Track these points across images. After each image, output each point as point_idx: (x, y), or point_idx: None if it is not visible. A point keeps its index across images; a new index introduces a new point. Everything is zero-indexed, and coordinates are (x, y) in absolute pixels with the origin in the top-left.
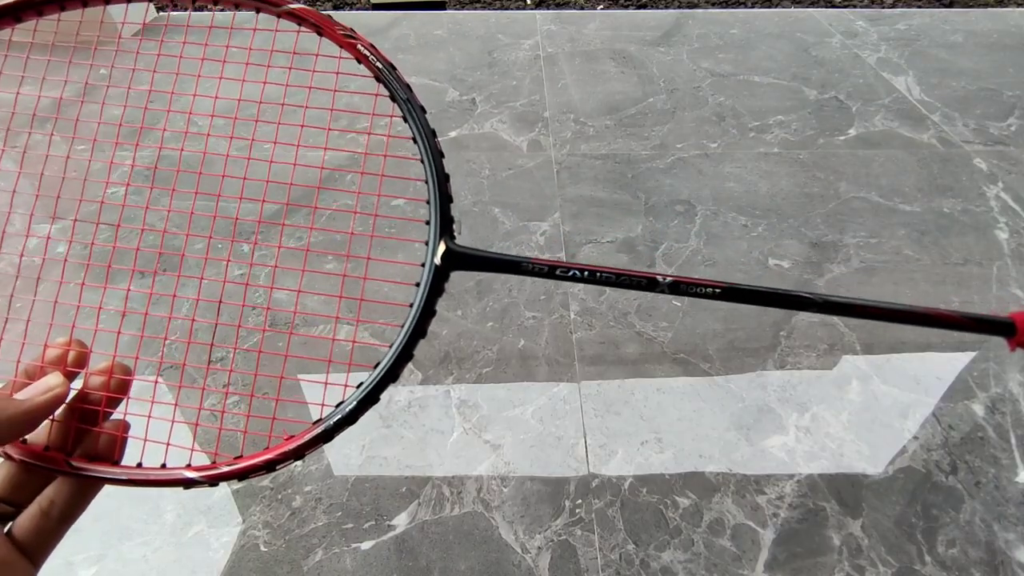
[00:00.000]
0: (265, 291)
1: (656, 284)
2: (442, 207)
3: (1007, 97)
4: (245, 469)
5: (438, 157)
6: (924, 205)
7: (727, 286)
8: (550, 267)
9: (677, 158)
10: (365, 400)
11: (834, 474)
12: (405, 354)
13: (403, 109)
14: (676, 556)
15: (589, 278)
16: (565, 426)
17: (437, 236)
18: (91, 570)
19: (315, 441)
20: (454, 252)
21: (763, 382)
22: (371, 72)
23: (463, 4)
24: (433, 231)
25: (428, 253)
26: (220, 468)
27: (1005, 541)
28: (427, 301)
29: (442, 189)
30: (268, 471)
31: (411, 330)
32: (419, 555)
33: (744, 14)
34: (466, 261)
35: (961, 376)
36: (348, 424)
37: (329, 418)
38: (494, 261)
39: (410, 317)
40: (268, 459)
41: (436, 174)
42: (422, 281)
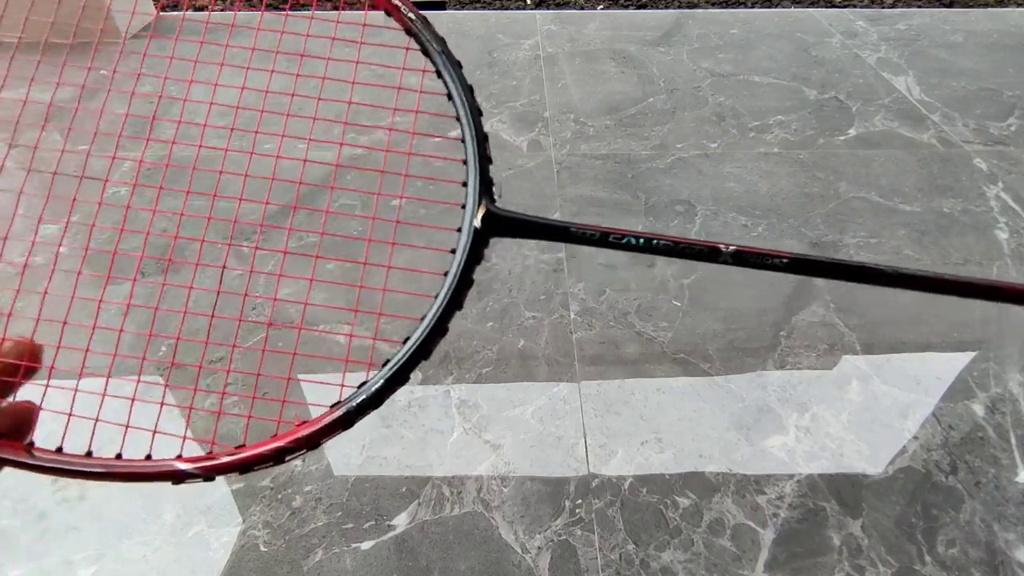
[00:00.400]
0: (281, 287)
1: (719, 254)
2: (481, 167)
3: (1007, 97)
4: (249, 459)
5: (476, 115)
6: (924, 205)
7: (793, 257)
8: (602, 234)
9: (677, 158)
10: (393, 379)
11: (834, 474)
12: (439, 327)
13: (436, 63)
14: (676, 556)
15: (645, 246)
16: (565, 426)
17: (477, 198)
18: (90, 569)
19: (333, 426)
20: (496, 215)
21: (763, 382)
22: (401, 25)
23: (463, 4)
24: (473, 193)
25: (466, 216)
26: (219, 459)
27: (1005, 541)
28: (464, 268)
29: (481, 148)
30: (277, 462)
31: (447, 300)
32: (419, 555)
33: (744, 14)
34: (509, 226)
35: (961, 376)
36: (373, 407)
37: (351, 400)
38: (539, 226)
39: (445, 286)
40: (277, 447)
41: (476, 132)
42: (459, 246)
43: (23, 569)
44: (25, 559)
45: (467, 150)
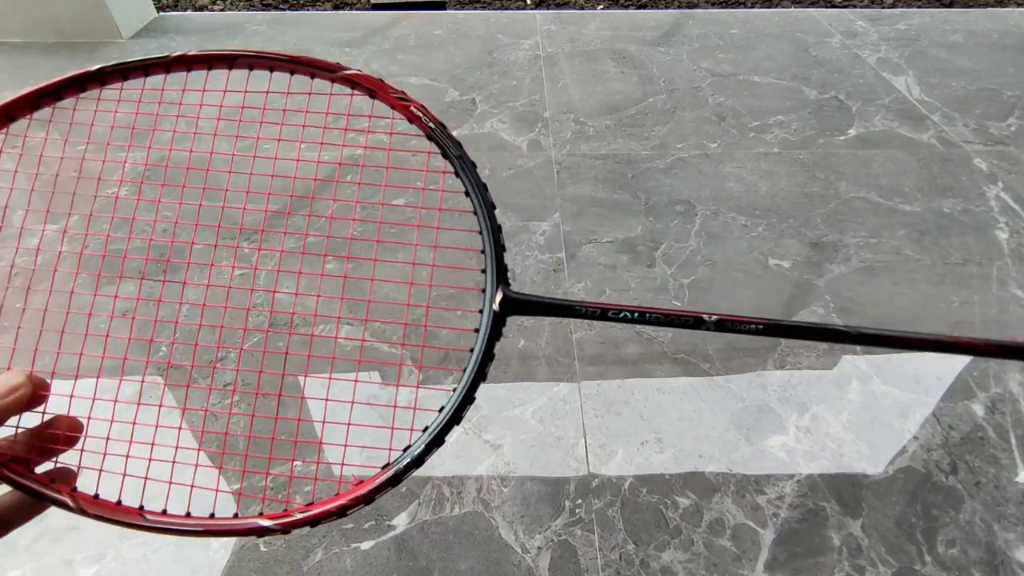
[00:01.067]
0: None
1: (702, 323)
2: (497, 257)
3: (1007, 97)
4: (318, 516)
5: (490, 209)
6: (924, 205)
7: (769, 322)
8: (602, 310)
9: (677, 158)
10: (432, 443)
11: (834, 474)
12: (468, 397)
13: (455, 165)
14: (676, 556)
15: (639, 319)
16: (565, 426)
17: (495, 284)
18: (91, 569)
19: (384, 486)
20: (512, 299)
21: (763, 382)
22: (422, 131)
23: (463, 4)
24: (490, 280)
25: (486, 300)
26: (293, 516)
27: (1005, 541)
28: (487, 346)
29: (496, 240)
30: (339, 516)
31: (473, 373)
32: (419, 555)
33: (744, 14)
34: (523, 307)
35: (961, 376)
36: (415, 467)
37: (398, 462)
38: (550, 306)
39: (472, 361)
40: (340, 505)
41: (490, 226)
42: (482, 327)
43: (23, 569)
44: (25, 559)
45: (484, 241)
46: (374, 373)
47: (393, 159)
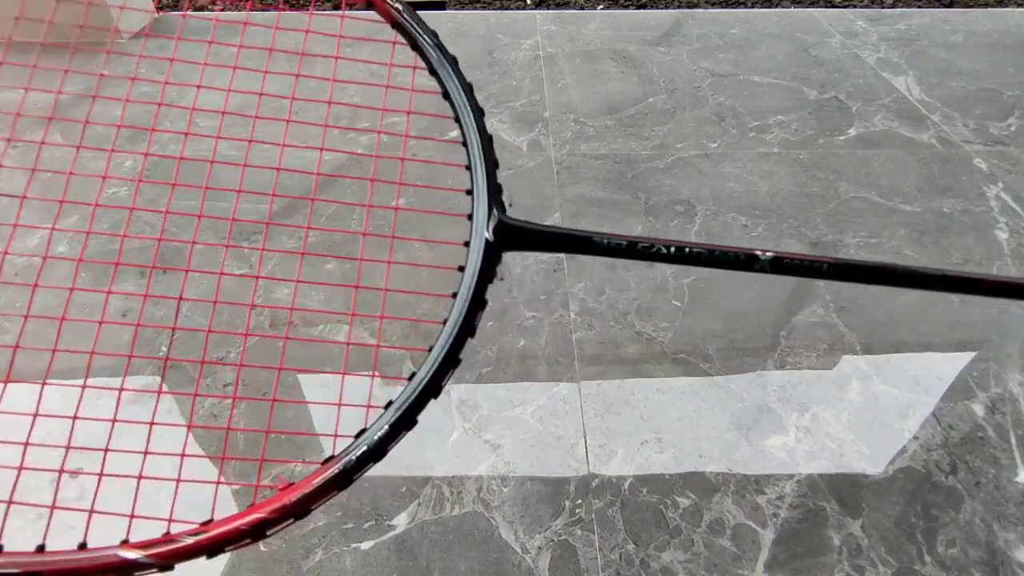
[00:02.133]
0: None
1: (755, 262)
2: (488, 172)
3: (1007, 97)
4: (218, 538)
5: (478, 115)
6: (924, 205)
7: (836, 262)
8: (630, 243)
9: (677, 158)
10: (399, 423)
11: (834, 474)
12: (451, 359)
13: (429, 59)
14: (676, 556)
15: (676, 255)
16: (565, 426)
17: (487, 207)
18: None
19: (327, 488)
20: (509, 226)
21: (763, 382)
22: (386, 19)
23: (463, 4)
24: (480, 202)
25: (476, 229)
26: (179, 541)
27: (1005, 541)
28: (477, 288)
29: (487, 152)
30: (255, 538)
31: (458, 327)
32: (419, 555)
33: (744, 14)
34: (524, 238)
35: (961, 376)
36: (375, 459)
37: (348, 452)
38: (560, 237)
39: (456, 310)
40: (257, 519)
41: (479, 134)
42: (469, 264)
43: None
44: None
45: (470, 153)
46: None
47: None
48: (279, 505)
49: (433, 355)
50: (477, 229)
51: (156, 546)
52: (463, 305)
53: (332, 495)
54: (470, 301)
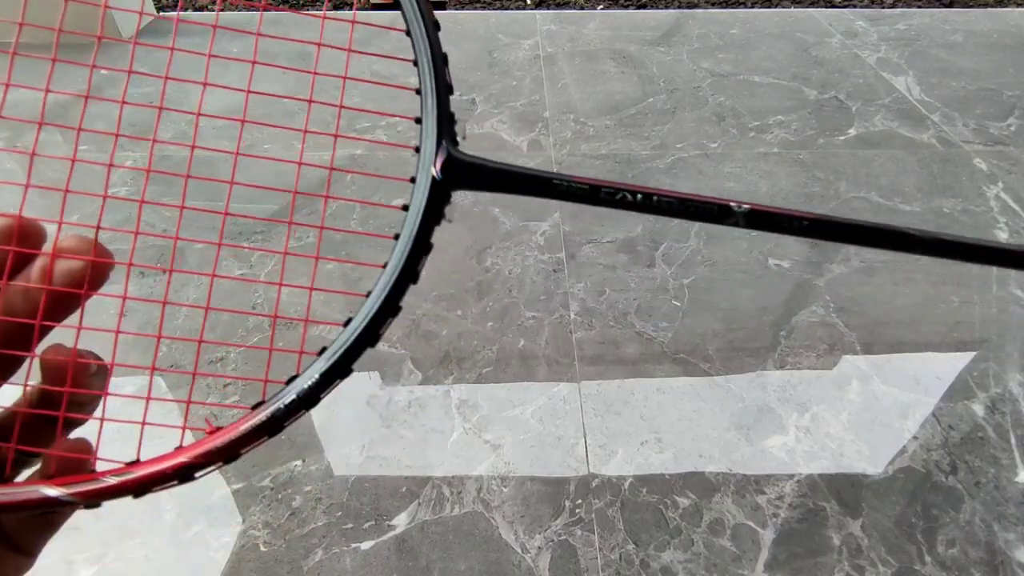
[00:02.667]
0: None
1: (729, 213)
2: (439, 97)
3: (1007, 97)
4: (144, 479)
5: (432, 28)
6: (924, 205)
7: (815, 218)
8: (592, 187)
9: (677, 158)
10: (332, 371)
11: (834, 474)
12: (389, 306)
13: None
14: (676, 556)
15: (643, 203)
16: (565, 426)
17: (435, 138)
18: (91, 569)
19: (256, 433)
20: (458, 161)
21: (763, 382)
22: None
23: (463, 4)
24: (428, 130)
25: (422, 163)
26: (102, 480)
27: (1005, 541)
28: (421, 228)
29: (439, 71)
30: (182, 480)
31: (399, 271)
32: (419, 555)
33: (744, 14)
34: (476, 175)
35: (961, 376)
36: (306, 407)
37: (277, 398)
38: (513, 176)
39: (396, 252)
40: (181, 463)
41: (430, 49)
42: (414, 201)
43: None
44: None
45: (421, 73)
46: (374, 374)
47: None
48: (207, 449)
49: (371, 301)
50: (424, 164)
51: (80, 484)
52: (405, 247)
53: (262, 441)
54: (412, 243)
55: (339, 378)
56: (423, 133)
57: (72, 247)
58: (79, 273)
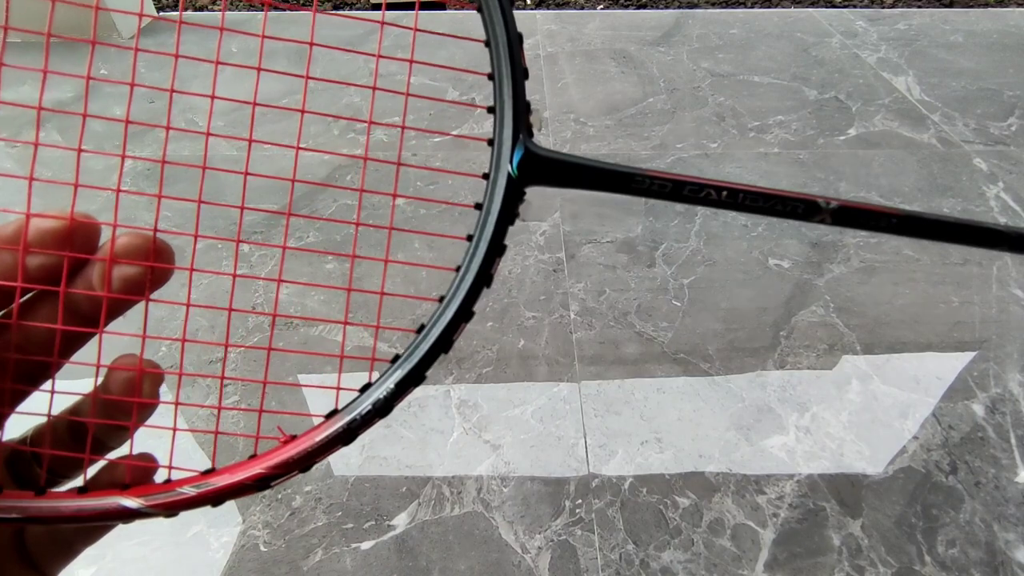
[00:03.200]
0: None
1: (817, 210)
2: (515, 83)
3: (1007, 97)
4: (220, 491)
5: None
6: (924, 205)
7: (904, 215)
8: (675, 183)
9: (677, 158)
10: (407, 380)
11: (834, 474)
12: (464, 311)
13: None
14: (676, 556)
15: (728, 200)
16: (565, 426)
17: (512, 131)
18: (90, 569)
19: (331, 443)
20: (535, 157)
21: (763, 382)
22: None
23: (463, 4)
24: (504, 124)
25: (496, 156)
26: (179, 490)
27: (1005, 541)
28: (496, 231)
29: (515, 54)
30: (259, 489)
31: (474, 274)
32: (419, 555)
33: (744, 14)
34: (553, 171)
35: (961, 376)
36: (381, 415)
37: (352, 407)
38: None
39: (470, 255)
40: (258, 475)
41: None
42: (487, 199)
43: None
44: None
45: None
46: (374, 373)
47: None
48: (283, 460)
49: (445, 304)
50: (499, 160)
51: (157, 495)
52: (480, 250)
53: (336, 449)
54: (488, 245)
55: (413, 386)
56: (498, 125)
57: (132, 247)
58: (139, 277)
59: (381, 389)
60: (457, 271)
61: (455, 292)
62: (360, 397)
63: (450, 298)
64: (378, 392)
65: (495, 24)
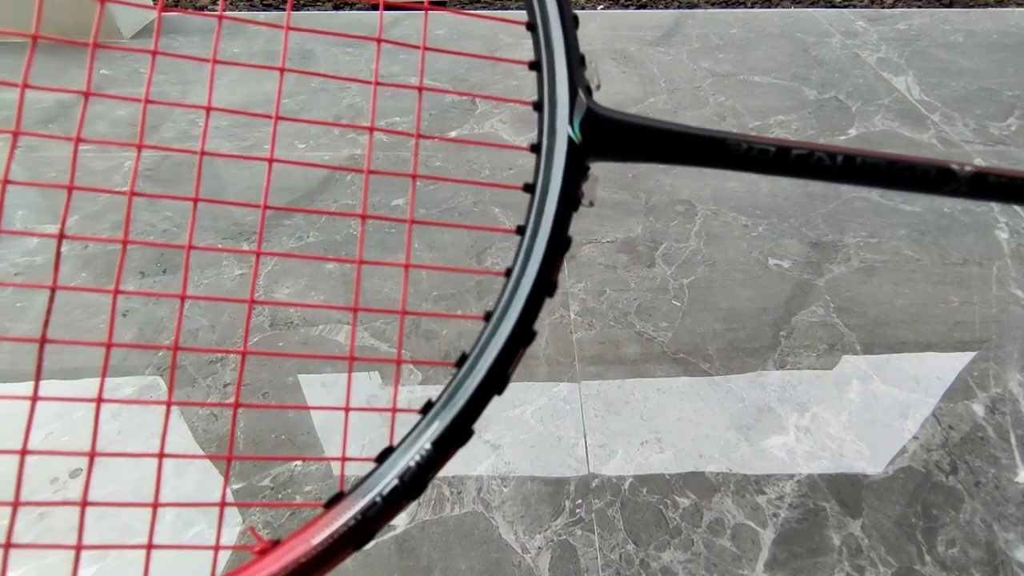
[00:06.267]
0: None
1: (951, 178)
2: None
3: (1007, 97)
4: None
5: None
6: (924, 205)
7: None
8: (779, 149)
9: None
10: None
11: (834, 474)
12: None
13: None
14: (676, 556)
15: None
16: (565, 426)
17: (569, 87)
18: (91, 569)
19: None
20: (603, 119)
21: (763, 382)
22: None
23: (463, 4)
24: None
25: (551, 121)
26: None
27: (1005, 541)
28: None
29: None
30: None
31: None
32: (419, 555)
33: (744, 14)
34: (625, 138)
35: (961, 376)
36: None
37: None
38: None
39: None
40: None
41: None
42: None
43: (23, 569)
44: (25, 559)
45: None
46: (374, 373)
47: None
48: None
49: (494, 325)
50: (555, 122)
51: None
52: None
53: (347, 555)
54: (549, 240)
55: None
56: (548, 82)
57: None
58: None
59: (408, 454)
60: (507, 276)
61: (507, 305)
62: (378, 469)
63: (502, 312)
64: (406, 459)
65: None
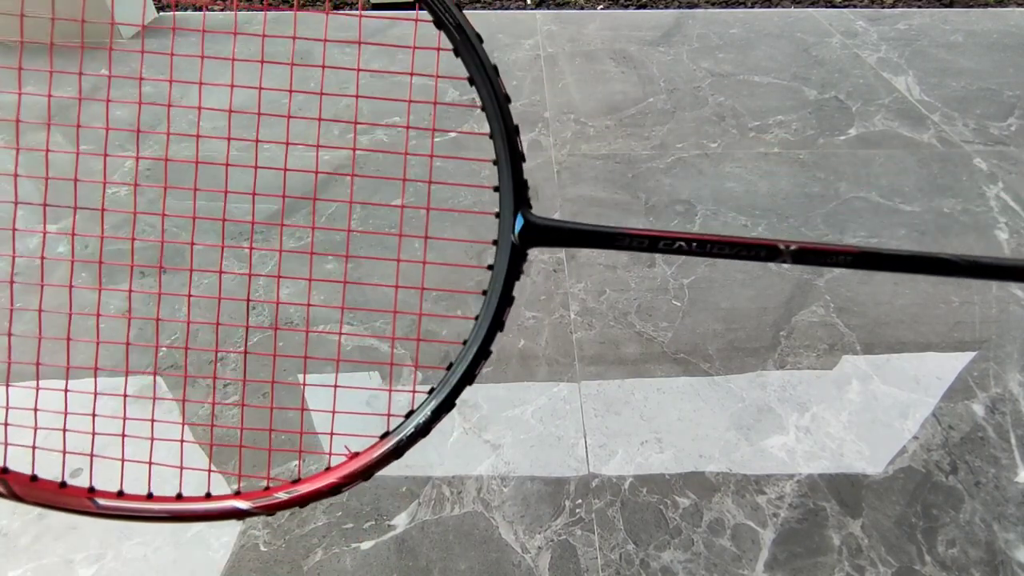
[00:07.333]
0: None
1: (777, 254)
2: (514, 168)
3: (1007, 97)
4: (307, 496)
5: (504, 102)
6: (924, 205)
7: (860, 252)
8: (651, 239)
9: (677, 158)
10: (441, 407)
11: (834, 474)
12: (483, 351)
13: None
14: (676, 556)
15: (698, 250)
16: (565, 426)
17: (512, 206)
18: (91, 569)
19: (387, 458)
20: (535, 225)
21: (763, 382)
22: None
23: (463, 4)
24: (506, 200)
25: (503, 227)
26: (276, 495)
27: (1005, 541)
28: (505, 286)
29: (512, 143)
30: (333, 494)
31: (490, 321)
32: (419, 555)
33: (744, 14)
34: (550, 236)
35: (961, 376)
36: (422, 436)
37: (400, 430)
38: (584, 234)
39: (486, 306)
40: (333, 484)
41: (504, 124)
42: (497, 264)
43: (23, 569)
44: (25, 559)
45: (498, 145)
46: (374, 373)
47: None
48: (350, 471)
49: (468, 347)
50: (505, 230)
51: (261, 499)
52: (493, 302)
53: (390, 462)
54: (499, 298)
55: (446, 412)
56: (502, 201)
57: None
58: None
59: (421, 415)
60: (476, 320)
61: (475, 336)
62: (405, 421)
63: (472, 341)
64: (419, 417)
65: (494, 120)
